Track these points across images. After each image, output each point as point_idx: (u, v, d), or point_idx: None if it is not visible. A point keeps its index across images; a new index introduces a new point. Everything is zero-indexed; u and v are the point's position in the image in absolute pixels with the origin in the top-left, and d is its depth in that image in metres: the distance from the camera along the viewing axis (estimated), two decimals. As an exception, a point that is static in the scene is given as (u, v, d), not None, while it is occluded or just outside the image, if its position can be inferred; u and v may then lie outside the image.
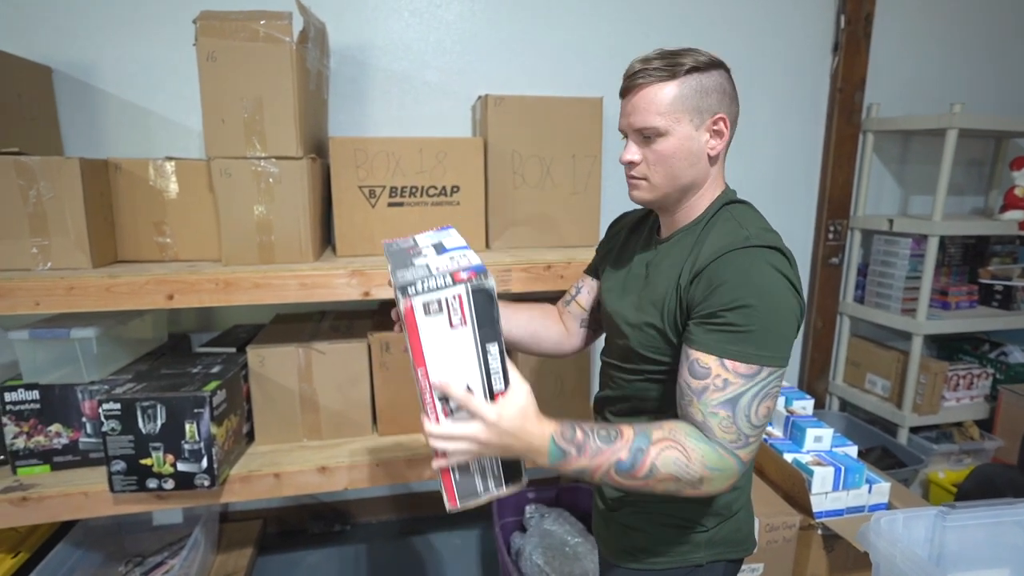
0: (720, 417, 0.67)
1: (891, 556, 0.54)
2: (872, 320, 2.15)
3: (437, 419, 0.66)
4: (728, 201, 0.80)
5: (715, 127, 0.75)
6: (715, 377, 0.68)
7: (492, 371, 0.62)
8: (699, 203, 0.80)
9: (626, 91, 0.77)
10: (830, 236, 2.19)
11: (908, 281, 2.03)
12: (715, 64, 0.75)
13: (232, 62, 1.23)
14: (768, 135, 2.06)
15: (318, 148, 1.45)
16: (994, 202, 2.29)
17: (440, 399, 0.63)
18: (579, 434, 0.66)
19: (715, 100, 0.74)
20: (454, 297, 0.56)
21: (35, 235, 1.23)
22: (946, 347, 2.36)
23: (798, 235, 2.19)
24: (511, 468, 0.70)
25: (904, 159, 2.24)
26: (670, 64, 0.73)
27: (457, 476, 0.68)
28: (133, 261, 1.35)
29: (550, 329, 1.02)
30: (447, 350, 0.59)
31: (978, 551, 0.59)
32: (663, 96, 0.73)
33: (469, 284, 0.56)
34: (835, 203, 2.17)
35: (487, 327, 0.59)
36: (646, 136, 0.75)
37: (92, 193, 1.25)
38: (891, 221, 2.03)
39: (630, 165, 0.78)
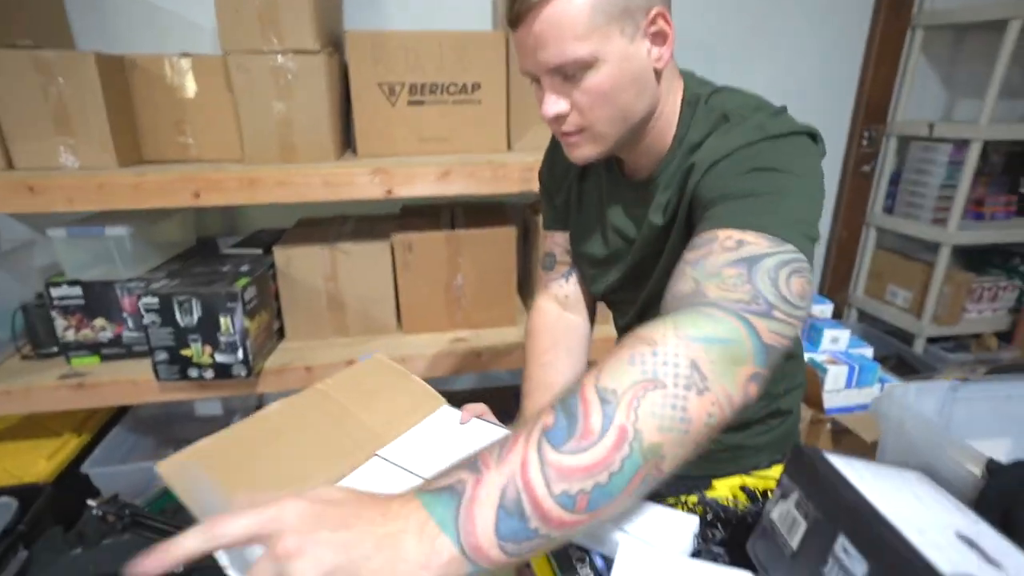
0: (724, 276, 0.45)
1: (900, 421, 0.56)
2: (900, 231, 2.10)
3: None
4: (698, 97, 0.61)
5: (654, 28, 0.55)
6: (724, 239, 0.48)
7: None
8: (668, 121, 0.62)
9: (518, 18, 0.54)
10: (864, 143, 2.10)
11: (942, 190, 1.95)
12: None
13: (241, -56, 1.16)
14: (808, 32, 1.93)
15: (334, 43, 1.40)
16: (1047, 106, 2.15)
17: None
18: (464, 459, 0.39)
19: None
20: None
21: (60, 134, 1.24)
22: (975, 260, 2.31)
23: (828, 141, 2.09)
24: None
25: (954, 59, 2.08)
26: None
27: None
28: (157, 162, 1.36)
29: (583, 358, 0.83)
30: None
31: (984, 422, 0.62)
32: (575, 11, 0.51)
33: None
34: (873, 106, 2.06)
35: None
36: (568, 75, 0.54)
37: (111, 91, 1.24)
38: (931, 126, 1.93)
39: (557, 119, 0.57)
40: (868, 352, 1.37)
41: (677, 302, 0.46)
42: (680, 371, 0.38)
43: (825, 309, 1.48)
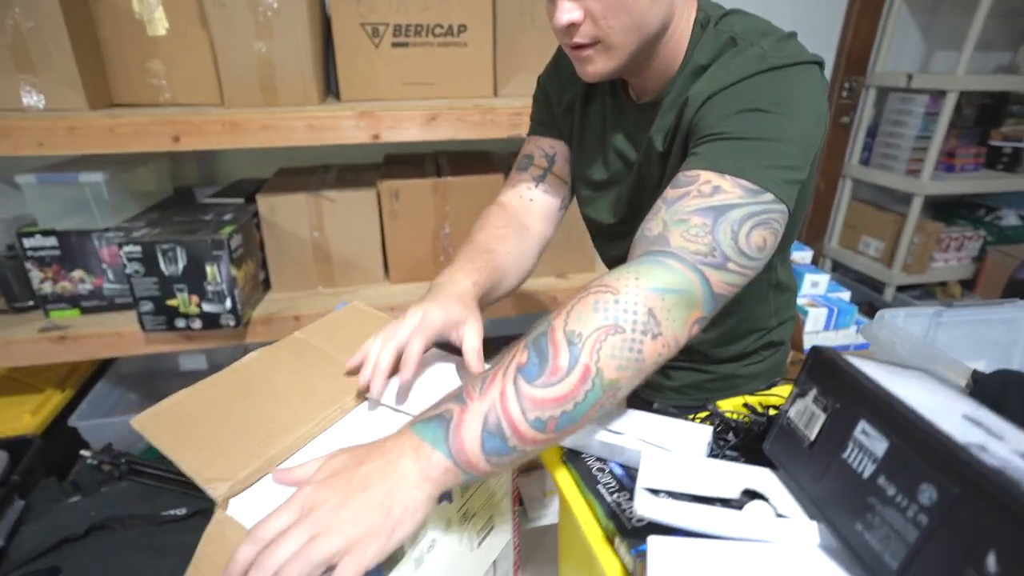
0: (690, 224, 0.48)
1: (891, 343, 0.59)
2: (875, 182, 2.15)
3: None
4: (709, 19, 0.61)
5: None
6: (703, 183, 0.50)
7: None
8: (678, 42, 0.61)
9: None
10: (844, 94, 2.12)
11: (918, 141, 2.00)
12: None
13: None
14: (794, -23, 1.91)
15: (313, -22, 1.33)
16: (1022, 59, 2.19)
17: None
18: (449, 394, 0.44)
19: None
20: None
21: (22, 71, 1.17)
22: (944, 211, 2.40)
23: (812, 92, 2.11)
24: None
25: (935, 9, 2.10)
26: None
27: None
28: (129, 105, 1.30)
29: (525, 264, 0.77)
30: None
31: (963, 345, 0.66)
32: None
33: None
34: (854, 58, 2.07)
35: None
36: None
37: (75, 24, 1.17)
38: (910, 76, 1.96)
39: (570, 29, 0.55)
40: (846, 296, 1.43)
41: (644, 243, 0.50)
42: (638, 318, 0.43)
43: (805, 255, 1.53)
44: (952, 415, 0.31)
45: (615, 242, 0.78)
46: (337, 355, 0.58)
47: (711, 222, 0.47)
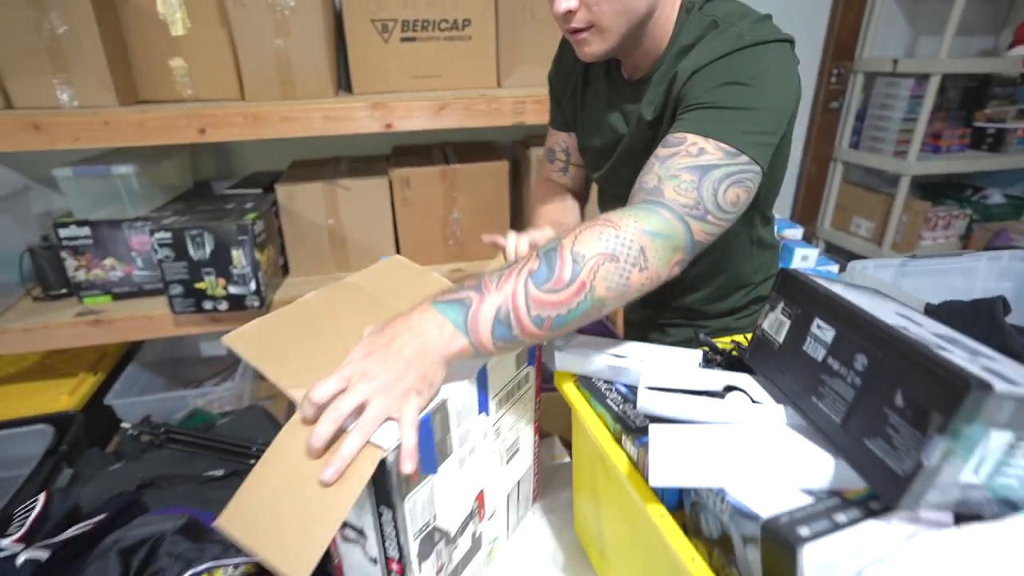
0: (681, 180, 0.56)
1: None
2: (864, 164, 2.23)
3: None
4: (694, 4, 0.69)
5: None
6: (690, 144, 0.58)
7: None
8: (664, 25, 0.69)
9: None
10: (832, 80, 2.20)
11: (904, 123, 2.08)
12: None
13: None
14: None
15: (325, -22, 1.41)
16: (1004, 42, 2.27)
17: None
18: (467, 282, 0.53)
19: None
20: None
21: (57, 71, 1.25)
22: (931, 191, 2.48)
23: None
24: None
25: (918, -5, 2.18)
26: None
27: None
28: (154, 101, 1.38)
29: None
30: None
31: (927, 291, 0.73)
32: None
33: None
34: (841, 45, 2.15)
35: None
36: None
37: (106, 27, 1.25)
38: (895, 61, 2.03)
39: (567, 16, 0.64)
40: (835, 268, 1.51)
41: (642, 193, 0.58)
42: (632, 253, 0.52)
43: (796, 232, 1.60)
44: (887, 312, 0.39)
45: (614, 203, 0.88)
46: (387, 299, 0.65)
47: (697, 179, 0.56)
